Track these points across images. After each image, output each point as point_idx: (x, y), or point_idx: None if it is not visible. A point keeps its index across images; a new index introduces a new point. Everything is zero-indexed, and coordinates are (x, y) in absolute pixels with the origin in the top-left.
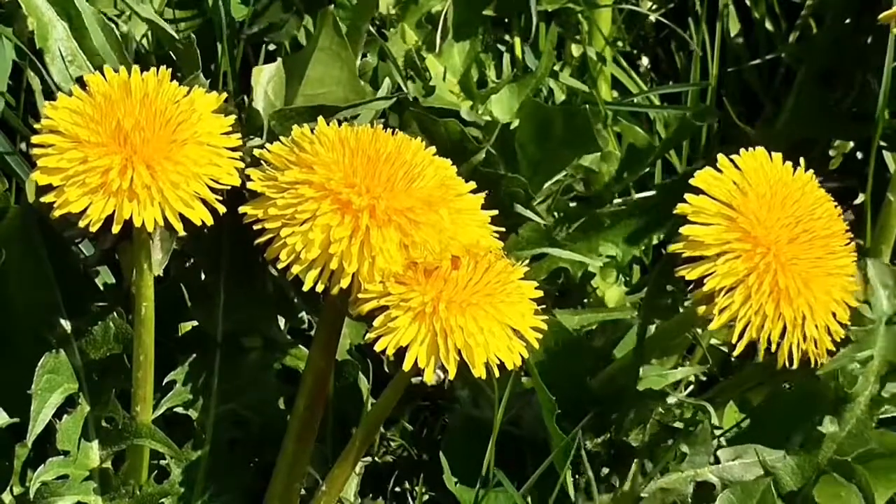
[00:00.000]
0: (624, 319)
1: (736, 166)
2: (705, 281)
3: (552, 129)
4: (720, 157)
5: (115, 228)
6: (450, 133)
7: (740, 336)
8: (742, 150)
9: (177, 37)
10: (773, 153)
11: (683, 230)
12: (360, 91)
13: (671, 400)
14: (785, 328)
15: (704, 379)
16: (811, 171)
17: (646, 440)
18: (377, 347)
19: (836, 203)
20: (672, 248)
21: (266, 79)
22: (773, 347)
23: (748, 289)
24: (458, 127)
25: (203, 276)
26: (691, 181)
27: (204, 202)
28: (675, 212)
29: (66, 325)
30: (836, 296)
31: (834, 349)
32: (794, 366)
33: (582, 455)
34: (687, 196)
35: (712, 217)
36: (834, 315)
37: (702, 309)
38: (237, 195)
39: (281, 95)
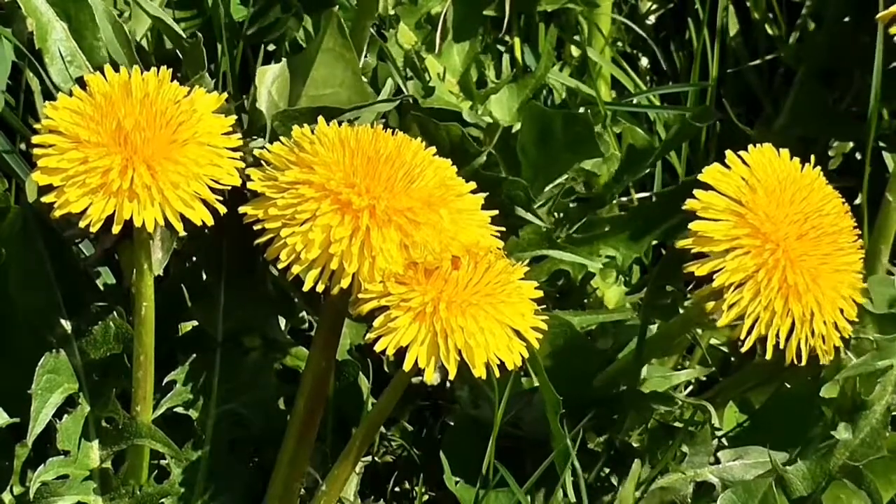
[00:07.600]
0: (629, 322)
1: (744, 162)
2: (714, 277)
3: (553, 133)
4: (728, 153)
5: (116, 228)
6: (451, 137)
7: (748, 332)
8: (750, 147)
9: (183, 35)
10: (780, 149)
11: (692, 226)
12: (363, 93)
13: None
14: (793, 324)
15: (704, 379)
16: (819, 167)
17: (646, 440)
18: (377, 348)
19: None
20: (680, 243)
21: (270, 79)
22: (782, 344)
23: (757, 284)
24: (460, 131)
25: (203, 276)
26: (700, 177)
27: (204, 202)
28: (683, 207)
29: (66, 325)
30: (844, 292)
31: (841, 345)
32: (803, 362)
33: (592, 453)
34: (696, 192)
35: (721, 213)
36: (841, 311)
37: (710, 305)
38: (238, 195)
39: (285, 96)
